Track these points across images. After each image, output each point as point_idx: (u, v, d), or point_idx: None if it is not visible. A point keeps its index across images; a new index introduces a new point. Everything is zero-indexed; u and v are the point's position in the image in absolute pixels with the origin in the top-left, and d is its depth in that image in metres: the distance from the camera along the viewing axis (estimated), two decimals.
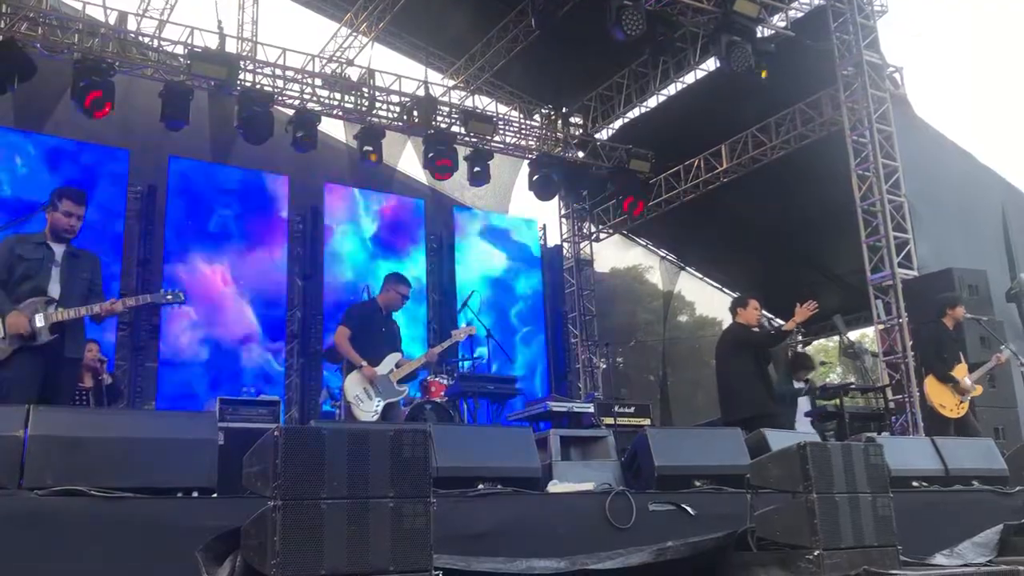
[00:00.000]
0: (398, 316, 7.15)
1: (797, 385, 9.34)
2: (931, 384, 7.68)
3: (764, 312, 7.44)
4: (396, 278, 7.09)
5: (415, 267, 12.92)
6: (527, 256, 14.35)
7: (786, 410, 9.22)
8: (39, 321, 4.80)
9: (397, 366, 6.76)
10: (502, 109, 13.96)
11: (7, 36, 9.53)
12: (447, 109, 12.66)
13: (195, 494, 3.69)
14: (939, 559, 4.13)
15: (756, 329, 7.17)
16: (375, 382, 6.61)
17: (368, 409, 6.55)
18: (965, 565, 4.05)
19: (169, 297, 5.39)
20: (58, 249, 5.06)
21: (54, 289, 4.96)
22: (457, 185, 13.82)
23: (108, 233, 10.74)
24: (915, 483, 5.37)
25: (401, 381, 6.82)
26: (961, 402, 7.54)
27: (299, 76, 11.78)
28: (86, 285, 5.12)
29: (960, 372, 7.61)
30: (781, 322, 7.91)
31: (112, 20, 10.44)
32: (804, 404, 9.25)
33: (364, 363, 6.57)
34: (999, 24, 59.93)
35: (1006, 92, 59.87)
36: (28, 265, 4.95)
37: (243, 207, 11.91)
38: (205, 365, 11.09)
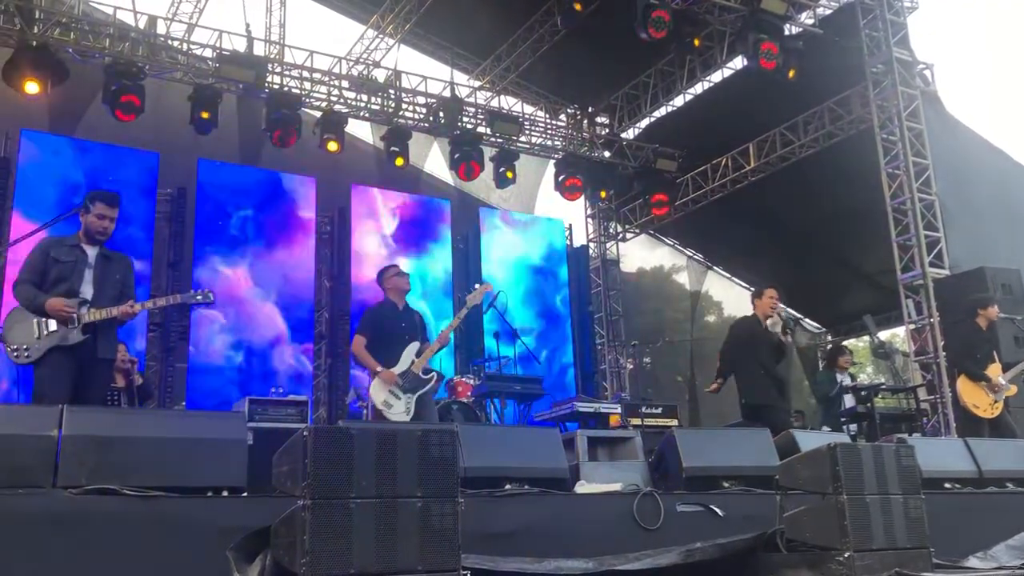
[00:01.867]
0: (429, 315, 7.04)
1: (840, 378, 9.24)
2: (964, 384, 7.59)
3: (782, 306, 7.57)
4: (388, 271, 6.94)
5: (438, 266, 12.98)
6: (553, 256, 14.34)
7: (828, 408, 9.18)
8: (74, 315, 4.89)
9: (418, 355, 6.48)
10: (528, 109, 13.96)
11: (41, 41, 9.68)
12: (473, 110, 12.67)
13: (225, 493, 3.73)
14: (973, 562, 4.08)
15: (769, 320, 7.38)
16: (398, 382, 6.39)
17: (398, 411, 6.33)
18: (999, 568, 4.00)
19: (199, 297, 5.45)
20: (91, 251, 5.15)
21: (87, 291, 5.05)
22: (484, 186, 13.84)
23: (138, 236, 10.86)
24: (948, 484, 5.31)
25: (427, 369, 6.53)
26: (995, 402, 7.43)
27: (326, 78, 11.85)
28: (118, 287, 5.20)
29: (994, 372, 7.51)
30: (797, 315, 8.06)
31: (142, 24, 10.57)
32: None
33: (379, 368, 6.36)
34: (1015, 20, 58.90)
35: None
36: (62, 267, 5.04)
37: (271, 209, 12.00)
38: (234, 366, 11.18)
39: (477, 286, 7.33)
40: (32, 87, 9.46)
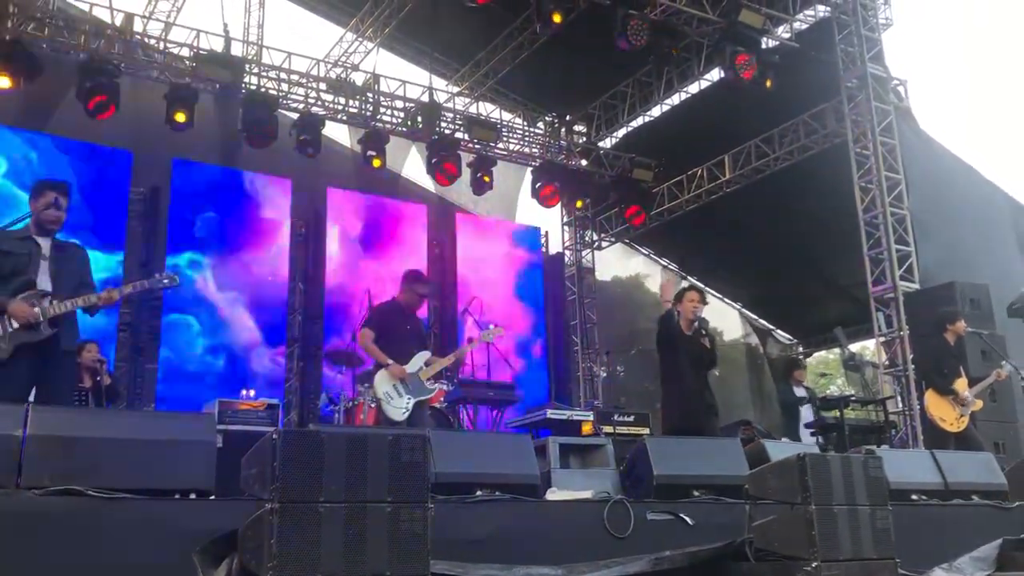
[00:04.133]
0: None
1: (798, 392, 9.31)
2: (931, 398, 7.68)
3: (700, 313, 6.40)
4: (411, 277, 7.04)
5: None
6: (529, 263, 14.35)
7: (787, 420, 9.23)
8: (39, 315, 4.72)
9: (427, 364, 6.69)
10: (506, 116, 13.97)
11: (14, 36, 9.56)
12: (451, 115, 12.67)
13: (193, 496, 3.68)
14: (938, 573, 4.12)
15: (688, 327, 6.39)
16: (405, 380, 6.54)
17: (399, 406, 6.48)
18: None
19: (165, 281, 5.31)
20: (44, 243, 4.94)
21: (44, 282, 4.85)
22: (463, 191, 13.82)
23: (111, 234, 10.75)
24: (914, 496, 5.35)
25: (432, 379, 6.76)
26: (961, 416, 7.53)
27: (304, 80, 11.80)
28: (76, 277, 5.01)
29: (961, 386, 7.61)
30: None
31: (118, 22, 10.47)
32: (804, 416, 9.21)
33: (390, 361, 6.50)
34: (990, 37, 59.85)
35: (1001, 105, 59.71)
36: (17, 260, 4.83)
37: (246, 210, 11.91)
38: (205, 367, 11.07)
39: (492, 327, 8.12)
40: (3, 82, 9.33)
